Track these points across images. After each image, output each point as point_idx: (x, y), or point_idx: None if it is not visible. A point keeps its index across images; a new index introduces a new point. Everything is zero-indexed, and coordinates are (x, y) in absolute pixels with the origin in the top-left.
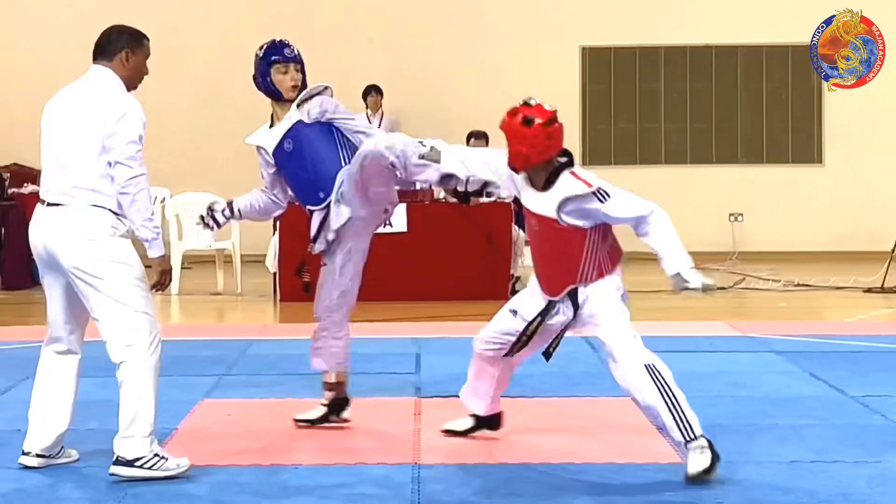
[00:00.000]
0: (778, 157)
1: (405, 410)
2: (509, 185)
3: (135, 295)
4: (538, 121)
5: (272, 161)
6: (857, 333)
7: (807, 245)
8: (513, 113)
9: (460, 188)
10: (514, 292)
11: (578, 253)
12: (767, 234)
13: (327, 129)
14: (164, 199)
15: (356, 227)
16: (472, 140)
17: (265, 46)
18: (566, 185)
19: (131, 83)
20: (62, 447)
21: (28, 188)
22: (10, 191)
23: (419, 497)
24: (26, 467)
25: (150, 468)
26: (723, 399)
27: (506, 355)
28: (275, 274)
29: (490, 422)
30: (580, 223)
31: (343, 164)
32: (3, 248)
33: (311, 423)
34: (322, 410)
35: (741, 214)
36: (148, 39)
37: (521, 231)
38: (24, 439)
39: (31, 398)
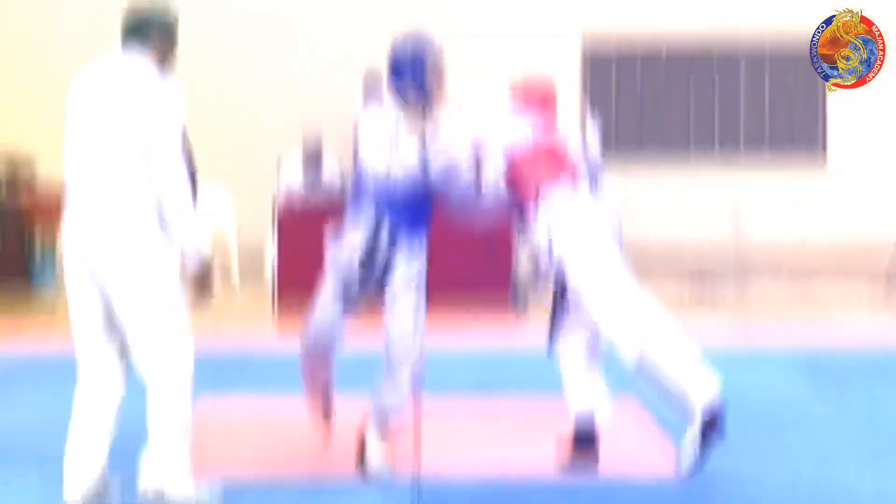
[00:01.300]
0: (778, 156)
1: (405, 410)
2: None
3: (171, 311)
4: None
5: None
6: (859, 334)
7: (807, 245)
8: None
9: None
10: (515, 292)
11: None
12: (767, 233)
13: None
14: None
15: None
16: None
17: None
18: None
19: (163, 65)
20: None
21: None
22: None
23: (419, 498)
24: None
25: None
26: (723, 399)
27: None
28: (275, 274)
29: None
30: None
31: None
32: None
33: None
34: None
35: (741, 214)
36: (177, 18)
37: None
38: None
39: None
